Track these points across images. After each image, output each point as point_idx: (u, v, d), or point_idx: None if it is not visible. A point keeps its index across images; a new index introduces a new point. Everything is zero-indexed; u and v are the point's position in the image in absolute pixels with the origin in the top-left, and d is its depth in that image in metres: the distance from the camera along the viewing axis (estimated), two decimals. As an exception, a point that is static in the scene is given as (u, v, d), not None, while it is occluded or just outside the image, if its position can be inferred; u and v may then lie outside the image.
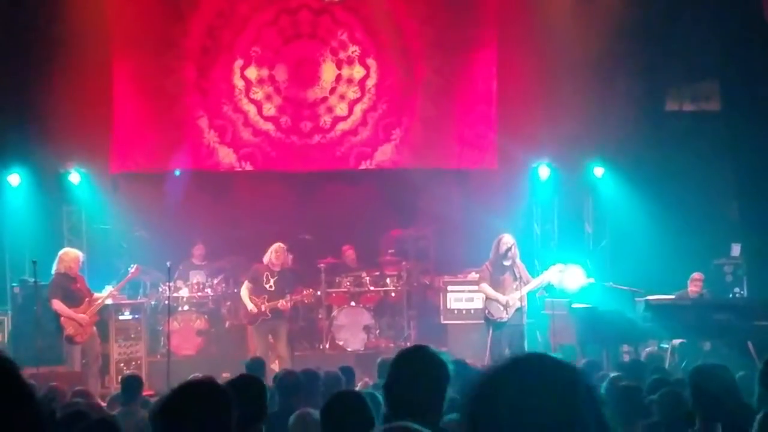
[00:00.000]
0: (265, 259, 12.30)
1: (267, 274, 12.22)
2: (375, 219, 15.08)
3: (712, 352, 11.65)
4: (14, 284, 13.53)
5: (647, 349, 11.88)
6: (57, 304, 11.46)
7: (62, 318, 11.46)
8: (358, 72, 15.20)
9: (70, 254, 11.82)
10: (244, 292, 12.32)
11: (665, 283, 12.92)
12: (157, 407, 3.44)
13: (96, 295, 11.89)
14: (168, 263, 12.09)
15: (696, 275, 12.91)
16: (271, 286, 12.20)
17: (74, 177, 14.22)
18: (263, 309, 12.12)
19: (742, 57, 13.50)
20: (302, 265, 13.91)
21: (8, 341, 13.14)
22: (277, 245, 12.33)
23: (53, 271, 11.67)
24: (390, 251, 14.83)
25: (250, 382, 4.64)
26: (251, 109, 15.06)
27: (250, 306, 12.15)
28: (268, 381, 8.03)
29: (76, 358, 11.56)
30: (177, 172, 14.98)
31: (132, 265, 12.56)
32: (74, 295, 11.59)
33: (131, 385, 7.61)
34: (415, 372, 3.53)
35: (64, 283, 11.59)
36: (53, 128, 13.81)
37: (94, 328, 11.81)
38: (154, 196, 14.67)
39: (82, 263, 11.91)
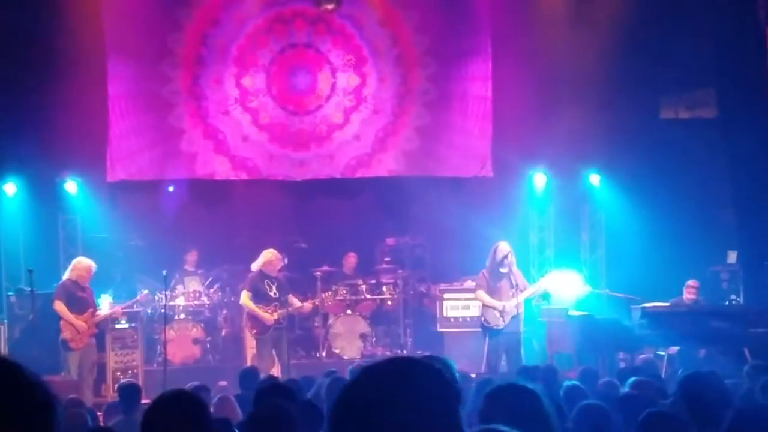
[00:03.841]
0: (259, 266, 12.02)
1: (267, 282, 11.96)
2: (371, 227, 15.08)
3: (707, 360, 11.66)
4: (10, 293, 13.53)
5: (642, 356, 11.83)
6: (59, 305, 11.49)
7: (61, 321, 11.49)
8: (353, 80, 15.19)
9: (83, 263, 11.83)
10: (249, 302, 11.91)
11: (661, 290, 12.92)
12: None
13: (99, 313, 11.90)
14: (164, 272, 12.10)
15: (691, 282, 12.90)
16: (275, 293, 11.92)
17: (70, 186, 14.19)
18: (276, 317, 11.88)
19: (738, 64, 13.56)
20: (297, 273, 13.89)
21: (4, 350, 13.10)
22: (272, 252, 12.09)
23: (64, 277, 11.74)
24: (386, 259, 14.83)
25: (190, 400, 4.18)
26: (246, 118, 15.03)
27: (267, 316, 11.77)
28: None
29: (74, 367, 11.54)
30: (170, 188, 14.92)
31: (142, 291, 12.83)
32: (79, 303, 11.60)
33: (130, 393, 7.52)
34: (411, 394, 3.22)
35: (71, 289, 11.62)
36: (49, 137, 13.77)
37: (93, 339, 11.81)
38: (150, 205, 14.64)
39: (93, 274, 11.88)
